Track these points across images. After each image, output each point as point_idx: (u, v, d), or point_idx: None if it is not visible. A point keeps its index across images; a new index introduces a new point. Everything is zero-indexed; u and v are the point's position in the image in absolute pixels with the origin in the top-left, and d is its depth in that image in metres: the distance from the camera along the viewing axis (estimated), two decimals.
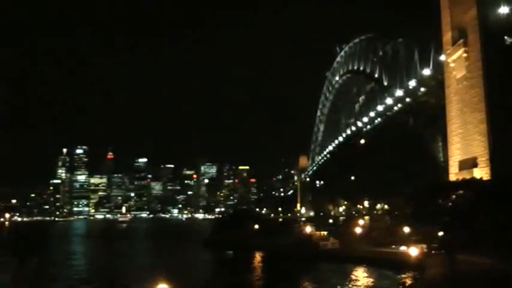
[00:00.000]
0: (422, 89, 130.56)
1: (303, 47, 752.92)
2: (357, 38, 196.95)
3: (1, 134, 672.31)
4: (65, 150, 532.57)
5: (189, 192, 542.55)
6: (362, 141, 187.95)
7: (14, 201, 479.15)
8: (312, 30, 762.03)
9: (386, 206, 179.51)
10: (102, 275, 75.69)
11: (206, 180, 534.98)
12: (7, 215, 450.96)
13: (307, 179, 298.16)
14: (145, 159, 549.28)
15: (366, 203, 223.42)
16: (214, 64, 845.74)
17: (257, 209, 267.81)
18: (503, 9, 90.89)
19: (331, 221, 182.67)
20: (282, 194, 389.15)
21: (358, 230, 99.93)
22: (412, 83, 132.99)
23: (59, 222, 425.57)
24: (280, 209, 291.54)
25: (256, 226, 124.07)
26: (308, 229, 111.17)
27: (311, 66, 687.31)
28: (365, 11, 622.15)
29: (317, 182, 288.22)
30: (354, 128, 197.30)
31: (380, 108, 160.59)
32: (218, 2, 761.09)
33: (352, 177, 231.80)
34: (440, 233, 62.16)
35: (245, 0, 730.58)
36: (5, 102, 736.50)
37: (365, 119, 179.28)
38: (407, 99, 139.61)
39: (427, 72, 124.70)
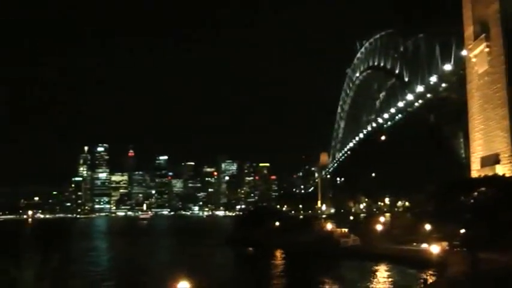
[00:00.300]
0: (443, 85, 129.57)
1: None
2: (378, 33, 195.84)
3: (23, 134, 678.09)
4: (86, 148, 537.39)
5: (210, 190, 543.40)
6: (383, 137, 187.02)
7: (36, 198, 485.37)
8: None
9: (407, 203, 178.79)
10: (123, 272, 76.10)
11: (227, 178, 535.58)
12: (30, 212, 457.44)
13: (328, 176, 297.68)
14: (166, 157, 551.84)
15: (387, 200, 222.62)
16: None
17: (278, 206, 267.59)
18: None
19: (351, 218, 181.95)
20: (303, 191, 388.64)
21: (379, 227, 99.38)
22: (433, 79, 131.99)
23: (80, 219, 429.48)
24: (300, 206, 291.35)
25: (277, 223, 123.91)
26: (329, 226, 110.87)
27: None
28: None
29: (338, 178, 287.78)
30: (374, 125, 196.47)
31: (401, 104, 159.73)
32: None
33: (373, 174, 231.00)
34: (462, 231, 61.62)
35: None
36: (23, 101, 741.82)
37: (386, 115, 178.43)
38: (428, 95, 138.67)
39: (448, 67, 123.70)
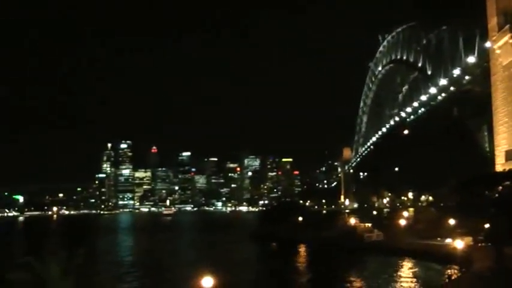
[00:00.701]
0: (466, 78, 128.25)
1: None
2: (400, 27, 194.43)
3: (46, 132, 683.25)
4: (109, 145, 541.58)
5: (233, 185, 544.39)
6: (406, 131, 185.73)
7: (61, 195, 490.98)
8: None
9: (431, 198, 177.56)
10: (146, 267, 76.62)
11: (250, 173, 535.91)
12: (55, 209, 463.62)
13: (351, 171, 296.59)
14: (189, 153, 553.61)
15: (410, 195, 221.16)
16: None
17: (301, 201, 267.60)
18: None
19: (375, 212, 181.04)
20: (326, 186, 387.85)
21: (402, 222, 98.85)
22: (457, 72, 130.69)
23: (104, 215, 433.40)
24: (324, 201, 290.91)
25: (300, 218, 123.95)
26: (352, 221, 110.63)
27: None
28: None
29: (361, 173, 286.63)
30: (397, 119, 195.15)
31: (424, 98, 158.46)
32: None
33: (396, 169, 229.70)
34: (487, 225, 60.91)
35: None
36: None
37: (408, 109, 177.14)
38: (452, 88, 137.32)
39: (471, 59, 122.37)
